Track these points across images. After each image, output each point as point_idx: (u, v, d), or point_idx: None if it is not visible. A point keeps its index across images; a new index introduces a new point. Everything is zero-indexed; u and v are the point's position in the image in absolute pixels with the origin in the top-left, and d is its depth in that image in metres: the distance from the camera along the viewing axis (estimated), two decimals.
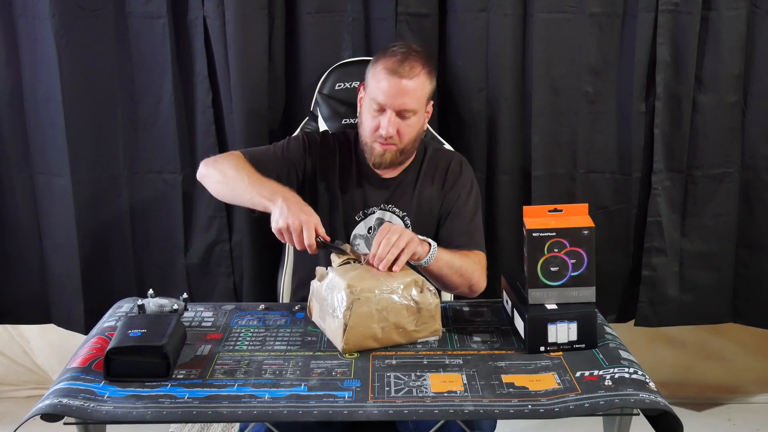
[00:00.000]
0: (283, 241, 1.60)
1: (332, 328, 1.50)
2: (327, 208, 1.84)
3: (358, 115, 1.86)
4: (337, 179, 1.85)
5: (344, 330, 1.45)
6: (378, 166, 1.82)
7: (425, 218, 1.86)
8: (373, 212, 1.85)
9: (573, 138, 2.21)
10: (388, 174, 1.86)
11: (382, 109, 1.75)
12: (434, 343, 1.52)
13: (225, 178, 1.74)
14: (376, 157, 1.79)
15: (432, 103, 1.85)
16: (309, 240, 1.55)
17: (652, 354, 2.50)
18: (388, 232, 1.55)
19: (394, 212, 1.85)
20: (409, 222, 1.84)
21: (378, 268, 1.53)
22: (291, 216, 1.56)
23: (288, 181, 1.80)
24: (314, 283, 1.60)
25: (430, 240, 1.65)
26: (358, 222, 1.85)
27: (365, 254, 1.59)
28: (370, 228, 1.85)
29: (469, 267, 1.71)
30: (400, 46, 1.79)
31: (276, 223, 1.58)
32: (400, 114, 1.75)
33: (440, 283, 1.71)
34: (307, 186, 1.84)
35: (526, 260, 1.51)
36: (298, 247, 1.57)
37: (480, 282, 1.74)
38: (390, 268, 1.53)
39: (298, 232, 1.56)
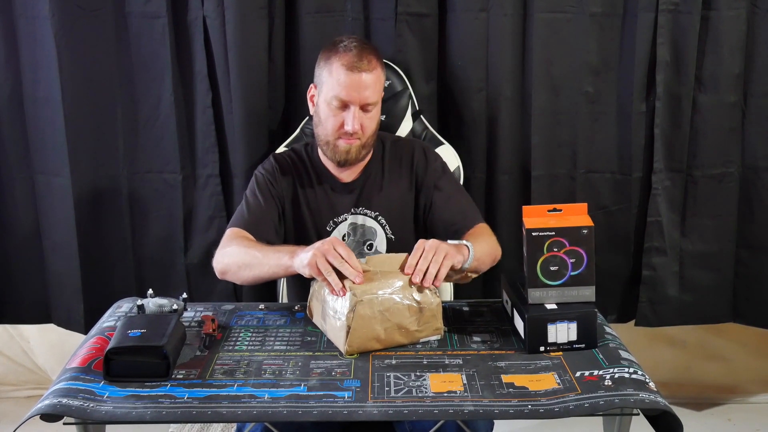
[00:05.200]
0: (330, 288, 1.50)
1: (334, 330, 1.50)
2: (297, 225, 1.84)
3: (313, 115, 1.84)
4: (301, 195, 1.85)
5: (347, 332, 1.45)
6: (344, 163, 1.80)
7: (399, 216, 1.85)
8: (345, 219, 1.85)
9: (573, 138, 2.20)
10: (350, 177, 1.86)
11: (344, 106, 1.75)
12: (434, 343, 1.52)
13: (240, 268, 1.69)
14: (341, 154, 1.78)
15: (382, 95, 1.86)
16: (345, 253, 1.49)
17: (652, 354, 2.50)
18: (423, 249, 1.50)
19: (366, 215, 1.84)
20: (383, 221, 1.84)
21: (420, 283, 1.47)
22: (315, 253, 1.50)
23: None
24: (315, 284, 1.59)
25: (466, 242, 1.60)
26: (330, 232, 1.84)
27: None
28: (344, 235, 1.85)
29: (489, 246, 1.71)
30: (350, 40, 1.78)
31: (309, 268, 1.50)
32: (364, 108, 1.75)
33: (476, 273, 1.69)
34: (286, 214, 1.84)
35: (526, 260, 1.51)
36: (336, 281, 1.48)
37: (499, 252, 1.76)
38: (433, 283, 1.48)
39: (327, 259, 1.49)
